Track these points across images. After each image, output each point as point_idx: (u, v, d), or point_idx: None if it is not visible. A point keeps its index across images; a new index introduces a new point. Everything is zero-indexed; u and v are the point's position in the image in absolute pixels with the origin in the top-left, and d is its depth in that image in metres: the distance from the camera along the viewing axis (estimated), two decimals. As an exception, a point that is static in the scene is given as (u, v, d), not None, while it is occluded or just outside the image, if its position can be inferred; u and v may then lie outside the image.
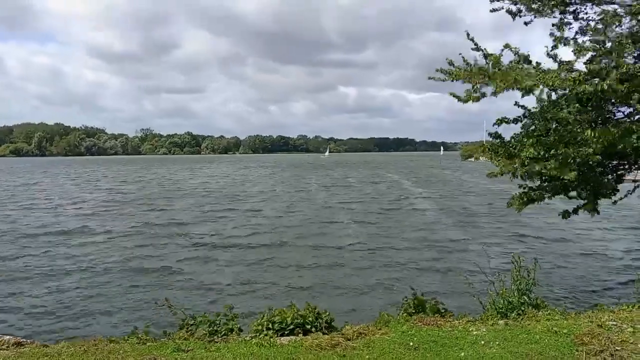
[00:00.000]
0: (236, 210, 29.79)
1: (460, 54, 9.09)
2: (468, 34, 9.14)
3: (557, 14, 9.22)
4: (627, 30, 8.58)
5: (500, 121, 9.67)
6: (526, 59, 8.98)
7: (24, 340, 6.51)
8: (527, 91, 8.62)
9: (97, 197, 39.70)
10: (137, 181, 59.22)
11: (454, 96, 9.19)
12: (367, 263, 16.24)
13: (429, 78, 9.31)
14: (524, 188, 10.31)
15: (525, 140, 9.32)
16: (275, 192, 43.05)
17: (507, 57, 9.04)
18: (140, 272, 15.23)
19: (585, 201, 10.01)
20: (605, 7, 9.03)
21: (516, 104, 9.41)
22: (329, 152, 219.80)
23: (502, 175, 10.46)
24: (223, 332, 6.44)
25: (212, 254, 17.74)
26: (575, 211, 10.36)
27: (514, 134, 9.84)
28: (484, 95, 8.89)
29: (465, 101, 9.14)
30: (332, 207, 31.47)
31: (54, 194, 42.13)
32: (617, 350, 5.45)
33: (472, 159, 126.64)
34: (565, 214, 10.48)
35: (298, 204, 33.92)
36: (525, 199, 10.35)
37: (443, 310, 7.36)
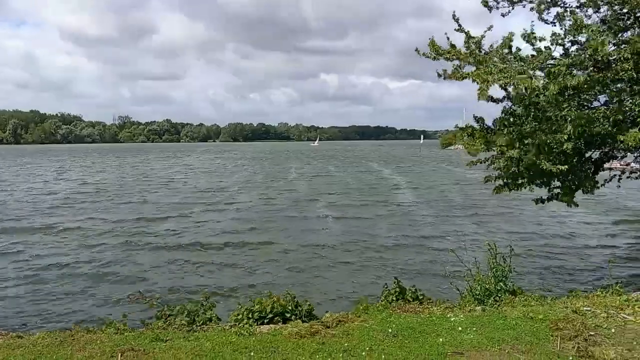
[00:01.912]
0: (211, 202, 29.47)
1: (446, 33, 9.16)
2: (454, 15, 9.17)
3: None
4: (601, 18, 8.68)
5: (489, 98, 9.74)
6: (507, 45, 9.01)
7: (-2, 331, 6.39)
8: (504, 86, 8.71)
9: (65, 188, 39.03)
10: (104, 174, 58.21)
11: (440, 75, 9.09)
12: (346, 252, 16.28)
13: (416, 50, 9.27)
14: (501, 170, 10.37)
15: (501, 127, 9.42)
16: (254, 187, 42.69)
17: (489, 42, 9.11)
18: (113, 268, 14.99)
19: (562, 192, 10.13)
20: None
21: (501, 86, 9.49)
22: (319, 140, 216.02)
23: (480, 162, 10.56)
24: (202, 322, 6.41)
25: (187, 245, 17.54)
26: (550, 199, 10.48)
27: (494, 119, 9.93)
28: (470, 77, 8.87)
29: (458, 78, 9.02)
30: (313, 197, 31.48)
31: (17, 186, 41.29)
32: (590, 335, 5.56)
33: (452, 147, 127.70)
34: (538, 201, 10.64)
35: (276, 194, 33.74)
36: (502, 182, 10.43)
37: (422, 297, 7.42)
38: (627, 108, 8.58)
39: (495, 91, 9.95)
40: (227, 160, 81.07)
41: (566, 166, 8.90)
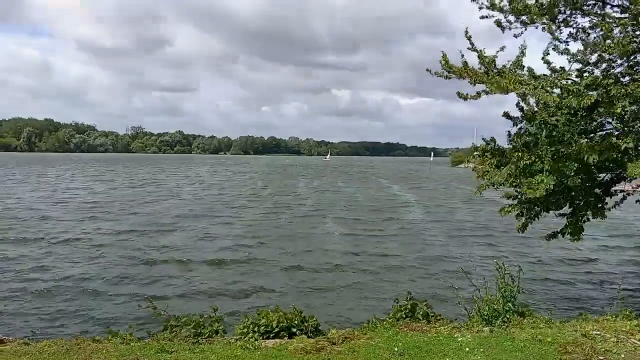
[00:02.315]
0: (220, 215, 29.51)
1: (460, 51, 9.18)
2: (467, 32, 9.17)
3: (546, 20, 9.30)
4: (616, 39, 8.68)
5: (506, 115, 9.77)
6: (519, 64, 9.05)
7: (5, 337, 6.42)
8: (522, 96, 8.74)
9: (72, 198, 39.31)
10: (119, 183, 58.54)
11: (459, 95, 9.16)
12: (353, 270, 16.21)
13: (427, 70, 9.33)
14: (515, 199, 10.25)
15: (516, 147, 9.36)
16: (262, 197, 42.77)
17: (501, 60, 9.13)
18: (121, 276, 15.07)
19: (570, 227, 10.03)
20: (593, 18, 9.14)
21: (518, 104, 9.54)
22: (330, 154, 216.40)
23: (492, 186, 10.42)
24: (207, 334, 6.39)
25: (195, 257, 17.56)
26: (562, 233, 10.34)
27: (510, 136, 9.86)
28: (486, 93, 8.89)
29: (474, 98, 9.05)
30: (321, 212, 31.46)
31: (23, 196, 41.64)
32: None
33: (463, 165, 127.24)
34: (550, 237, 10.44)
35: (284, 208, 33.75)
36: (518, 211, 10.27)
37: (432, 315, 7.34)
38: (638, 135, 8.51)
39: (500, 118, 9.99)
40: (237, 174, 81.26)
41: (573, 195, 8.88)
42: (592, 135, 9.26)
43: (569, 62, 9.00)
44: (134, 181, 56.45)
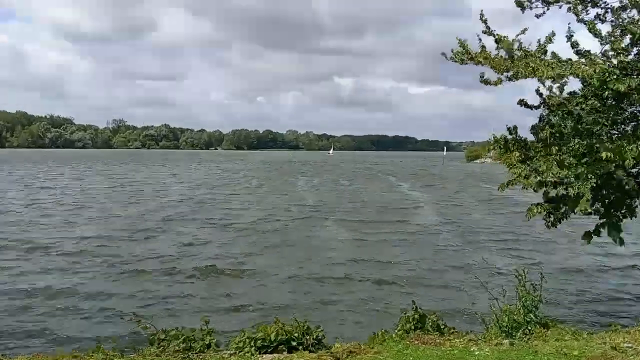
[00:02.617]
0: (210, 218, 29.53)
1: (478, 35, 9.13)
2: (482, 16, 9.16)
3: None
4: None
5: (520, 103, 9.75)
6: (543, 49, 9.03)
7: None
8: (554, 78, 8.68)
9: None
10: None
11: (481, 80, 9.13)
12: (358, 278, 16.23)
13: (442, 54, 9.29)
14: (549, 196, 10.04)
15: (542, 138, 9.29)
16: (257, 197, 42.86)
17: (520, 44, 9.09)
18: (101, 287, 15.08)
19: (605, 222, 9.82)
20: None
21: (537, 91, 9.53)
22: (333, 149, 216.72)
23: (514, 184, 10.31)
24: (199, 348, 6.42)
25: (183, 266, 17.51)
26: (598, 232, 10.09)
27: (535, 128, 9.82)
28: (509, 79, 8.86)
29: (496, 83, 9.04)
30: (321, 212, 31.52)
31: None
32: (631, 375, 5.49)
33: (478, 161, 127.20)
34: (587, 235, 10.10)
35: (283, 210, 33.77)
36: (546, 212, 10.08)
37: (444, 327, 7.36)
38: None
39: (530, 95, 9.98)
40: (229, 171, 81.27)
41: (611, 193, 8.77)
42: (622, 127, 9.24)
43: (601, 44, 8.96)
44: (114, 180, 56.50)
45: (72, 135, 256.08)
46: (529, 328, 7.04)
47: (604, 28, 9.23)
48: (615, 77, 8.18)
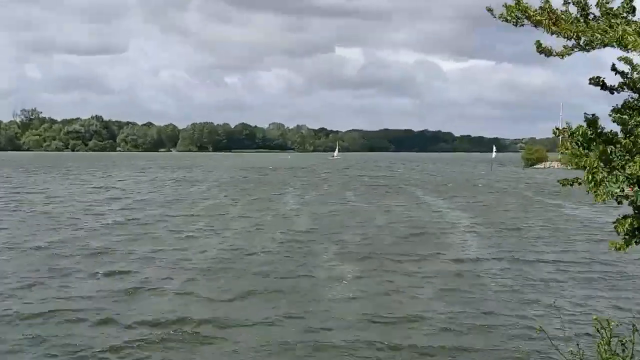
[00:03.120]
0: (161, 251, 29.47)
1: None
2: None
3: None
4: None
5: (597, 81, 9.53)
6: (630, 6, 8.84)
7: None
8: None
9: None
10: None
11: (539, 49, 8.93)
12: (372, 337, 16.29)
13: (488, 10, 9.09)
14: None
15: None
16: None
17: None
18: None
19: None
20: None
21: (613, 68, 9.30)
22: (339, 150, 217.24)
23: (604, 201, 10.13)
24: None
25: (111, 328, 17.32)
26: None
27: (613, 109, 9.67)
28: (584, 48, 8.68)
29: (561, 55, 8.93)
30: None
31: None
32: None
33: (542, 166, 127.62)
34: None
35: (267, 239, 33.77)
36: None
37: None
38: None
39: (607, 74, 9.75)
40: (185, 182, 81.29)
41: None
42: None
43: None
44: (20, 198, 56.45)
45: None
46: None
47: None
48: None
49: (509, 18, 9.01)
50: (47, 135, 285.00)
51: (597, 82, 9.73)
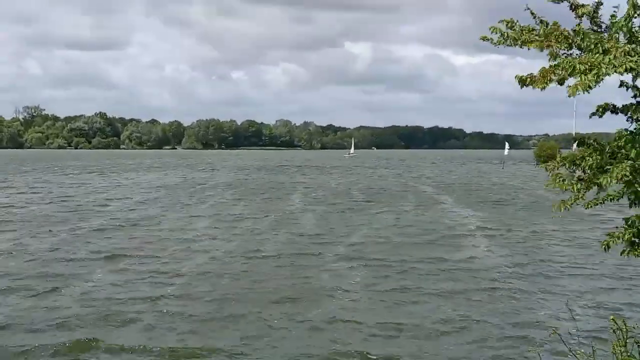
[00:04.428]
0: (157, 262, 29.15)
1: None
2: None
3: None
4: None
5: (602, 109, 9.39)
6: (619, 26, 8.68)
7: None
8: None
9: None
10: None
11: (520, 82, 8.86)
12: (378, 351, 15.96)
13: (483, 39, 9.07)
14: None
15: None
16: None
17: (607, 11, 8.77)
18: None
19: None
20: None
21: (622, 84, 9.15)
22: (354, 148, 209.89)
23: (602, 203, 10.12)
24: None
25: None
26: None
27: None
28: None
29: (541, 86, 8.89)
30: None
31: None
32: None
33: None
34: None
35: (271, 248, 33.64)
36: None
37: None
38: None
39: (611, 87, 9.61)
40: (187, 183, 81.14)
41: None
42: None
43: None
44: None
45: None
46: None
47: None
48: None
49: (499, 42, 9.04)
50: (50, 133, 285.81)
51: (605, 109, 9.57)
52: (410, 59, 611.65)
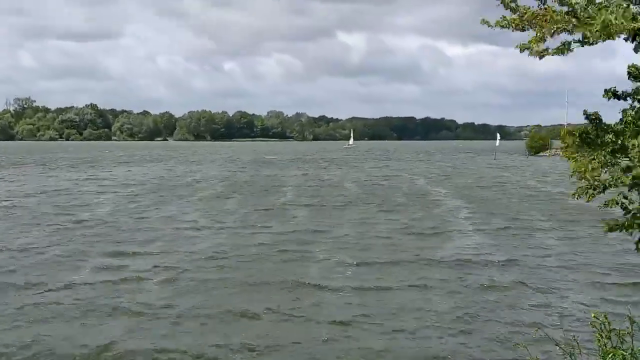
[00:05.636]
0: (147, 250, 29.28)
1: None
2: None
3: None
4: None
5: (610, 93, 9.34)
6: None
7: None
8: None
9: None
10: None
11: (523, 48, 8.75)
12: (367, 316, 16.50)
13: (484, 23, 8.98)
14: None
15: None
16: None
17: None
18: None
19: None
20: None
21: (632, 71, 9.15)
22: (353, 139, 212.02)
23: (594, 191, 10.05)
24: None
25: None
26: None
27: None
28: (569, 47, 8.45)
29: (541, 55, 8.74)
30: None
31: None
32: None
33: (546, 154, 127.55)
34: None
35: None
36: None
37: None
38: None
39: (604, 74, 9.53)
40: (178, 177, 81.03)
41: None
42: None
43: None
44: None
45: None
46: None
47: None
48: None
49: (500, 25, 8.91)
50: (41, 125, 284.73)
51: (609, 93, 9.52)
52: (404, 50, 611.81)
